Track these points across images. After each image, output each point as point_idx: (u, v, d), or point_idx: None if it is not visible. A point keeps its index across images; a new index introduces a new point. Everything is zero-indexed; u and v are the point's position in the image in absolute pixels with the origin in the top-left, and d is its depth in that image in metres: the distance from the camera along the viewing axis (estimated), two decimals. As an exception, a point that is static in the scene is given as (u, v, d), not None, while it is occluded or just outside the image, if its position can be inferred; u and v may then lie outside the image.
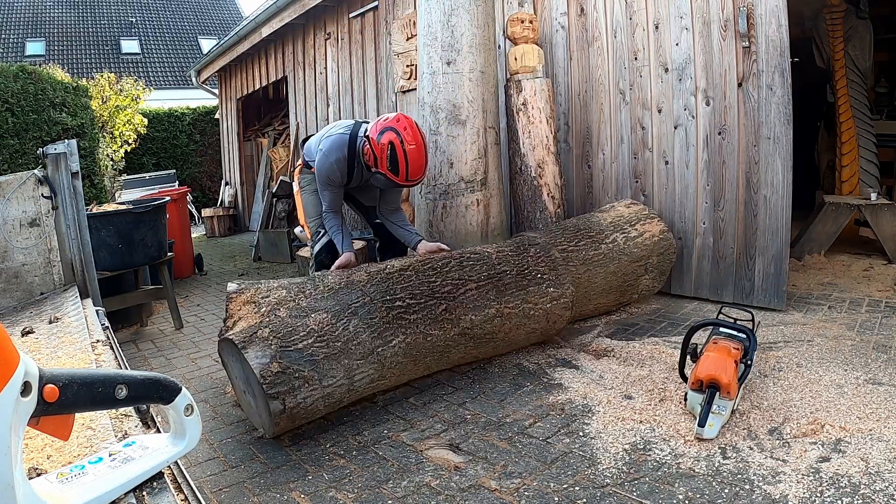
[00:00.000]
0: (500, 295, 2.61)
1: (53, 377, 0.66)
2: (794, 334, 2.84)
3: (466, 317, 2.49)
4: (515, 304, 2.64)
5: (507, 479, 1.79)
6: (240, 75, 9.45)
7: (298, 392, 2.00)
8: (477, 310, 2.53)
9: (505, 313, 2.60)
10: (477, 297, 2.55)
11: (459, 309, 2.49)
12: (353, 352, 2.18)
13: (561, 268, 2.84)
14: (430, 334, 2.39)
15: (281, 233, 6.56)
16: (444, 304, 2.46)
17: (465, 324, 2.48)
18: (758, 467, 1.73)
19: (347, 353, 2.16)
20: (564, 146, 4.18)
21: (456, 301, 2.49)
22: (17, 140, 6.00)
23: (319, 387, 2.05)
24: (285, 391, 1.97)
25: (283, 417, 2.00)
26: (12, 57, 17.66)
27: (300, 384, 2.01)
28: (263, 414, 2.04)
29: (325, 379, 2.07)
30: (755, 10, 3.13)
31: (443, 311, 2.44)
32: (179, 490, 0.86)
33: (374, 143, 2.69)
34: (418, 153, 2.65)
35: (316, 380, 2.05)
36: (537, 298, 2.71)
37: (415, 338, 2.35)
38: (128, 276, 4.00)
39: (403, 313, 2.36)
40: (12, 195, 2.29)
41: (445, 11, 3.31)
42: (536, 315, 2.71)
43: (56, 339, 1.59)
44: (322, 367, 2.07)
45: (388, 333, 2.28)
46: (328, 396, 2.09)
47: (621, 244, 3.22)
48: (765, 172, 3.22)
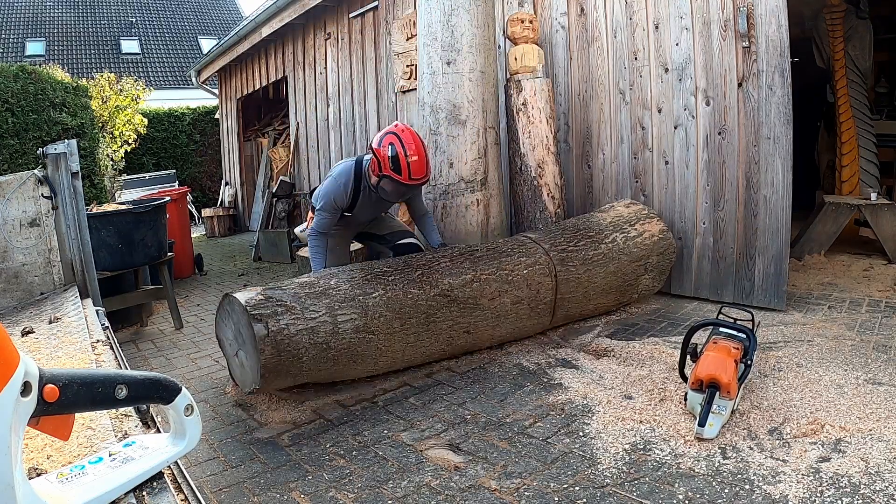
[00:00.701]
0: (474, 264, 2.79)
1: (53, 377, 0.66)
2: (794, 334, 2.84)
3: (444, 280, 2.66)
4: (491, 270, 2.78)
5: (507, 479, 1.79)
6: (240, 75, 9.45)
7: (281, 317, 2.17)
8: (454, 276, 2.70)
9: (482, 278, 2.74)
10: (451, 266, 2.75)
11: (436, 275, 2.67)
12: (335, 296, 2.38)
13: (529, 244, 3.01)
14: (411, 292, 2.56)
15: (281, 233, 6.56)
16: (420, 270, 2.67)
17: (443, 286, 2.64)
18: (758, 467, 1.73)
19: (328, 295, 2.38)
20: (564, 146, 4.17)
21: (431, 269, 2.69)
22: (17, 140, 6.00)
23: (302, 318, 2.20)
24: (268, 314, 2.16)
25: (268, 344, 2.08)
26: (12, 57, 17.66)
27: (283, 311, 2.21)
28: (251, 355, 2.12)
29: (308, 312, 2.23)
30: (755, 10, 3.13)
31: (419, 275, 2.64)
32: (179, 490, 0.86)
33: (376, 151, 2.76)
34: (418, 152, 2.70)
35: (298, 310, 2.23)
36: (512, 266, 2.85)
37: (395, 293, 2.52)
38: (128, 276, 4.00)
39: (381, 275, 2.58)
40: (12, 195, 2.29)
41: (445, 11, 3.31)
42: (516, 280, 2.80)
43: (56, 339, 1.59)
44: (304, 302, 2.30)
45: (367, 287, 2.49)
46: (312, 332, 2.18)
47: (621, 244, 3.22)
48: (765, 172, 3.22)
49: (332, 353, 2.31)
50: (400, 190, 2.81)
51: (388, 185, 2.79)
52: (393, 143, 2.68)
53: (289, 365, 2.20)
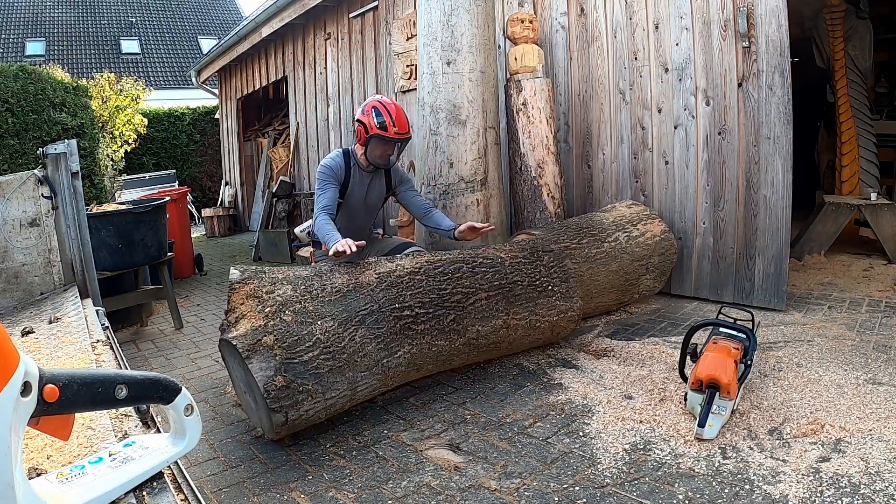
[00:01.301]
0: (509, 306, 2.57)
1: (53, 377, 0.66)
2: (794, 334, 2.84)
3: (474, 327, 2.46)
4: (523, 315, 2.61)
5: (507, 479, 1.79)
6: (240, 75, 9.45)
7: (301, 405, 1.97)
8: (485, 320, 2.49)
9: (511, 324, 2.57)
10: (486, 307, 2.50)
11: (467, 319, 2.44)
12: (358, 364, 2.14)
13: (572, 280, 2.80)
14: (436, 344, 2.36)
15: (281, 233, 6.56)
16: (453, 314, 2.41)
17: (471, 334, 2.45)
18: (758, 467, 1.73)
19: (352, 366, 2.12)
20: (564, 146, 4.18)
21: (465, 311, 2.45)
22: (17, 140, 6.00)
23: (322, 399, 2.03)
24: (289, 405, 1.95)
25: (285, 428, 2.00)
26: (12, 57, 17.66)
27: (304, 398, 1.99)
28: (264, 419, 2.03)
29: (329, 392, 2.04)
30: (755, 10, 3.13)
31: (451, 322, 2.39)
32: (179, 490, 0.86)
33: (361, 116, 2.97)
34: (397, 107, 2.96)
35: (319, 393, 2.02)
36: (546, 311, 2.68)
37: (420, 349, 2.32)
38: (128, 276, 4.00)
39: (411, 323, 2.30)
40: (12, 195, 2.29)
41: (445, 11, 3.31)
42: (542, 327, 2.70)
43: (56, 339, 1.59)
44: (326, 381, 2.04)
45: (394, 345, 2.24)
46: (329, 407, 2.08)
47: (623, 243, 3.22)
48: (765, 172, 3.22)
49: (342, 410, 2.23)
50: (387, 149, 2.97)
51: (377, 147, 2.94)
52: (376, 107, 2.94)
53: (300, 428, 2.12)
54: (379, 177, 3.09)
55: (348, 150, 3.07)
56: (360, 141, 2.97)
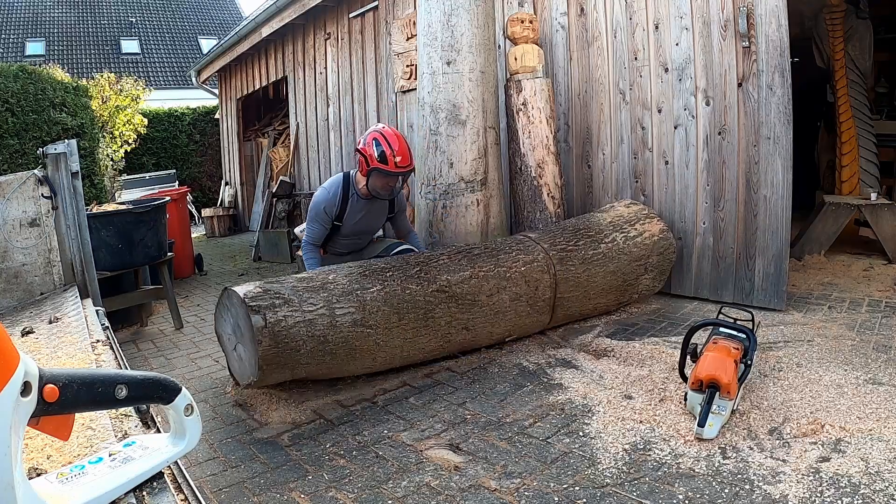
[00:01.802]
0: (472, 262, 2.80)
1: (53, 377, 0.66)
2: (794, 334, 2.84)
3: (442, 276, 2.67)
4: (489, 267, 2.79)
5: (507, 479, 1.79)
6: (240, 75, 9.45)
7: (279, 309, 2.18)
8: (452, 272, 2.71)
9: (480, 275, 2.75)
10: (449, 263, 2.76)
11: (433, 271, 2.68)
12: (332, 290, 2.40)
13: (527, 242, 3.01)
14: (408, 287, 2.56)
15: (281, 233, 6.56)
16: (418, 267, 2.69)
17: (441, 282, 2.65)
18: (758, 467, 1.73)
19: (326, 289, 2.39)
20: (564, 146, 4.17)
21: (429, 266, 2.71)
22: (17, 140, 6.00)
23: (300, 311, 2.22)
24: (266, 306, 2.18)
25: (266, 335, 2.10)
26: (12, 57, 17.65)
27: (281, 303, 2.22)
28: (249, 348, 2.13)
29: (305, 304, 2.23)
30: (755, 10, 3.13)
31: (417, 272, 2.65)
32: (179, 490, 0.86)
33: (362, 150, 2.96)
34: (399, 140, 2.96)
35: (296, 303, 2.24)
36: (510, 263, 2.86)
37: (392, 288, 2.53)
38: (128, 276, 4.00)
39: (379, 272, 2.59)
40: (12, 195, 2.29)
41: (445, 11, 3.31)
42: (514, 277, 2.80)
43: (56, 339, 1.59)
44: (302, 295, 2.31)
45: (365, 282, 2.50)
46: (310, 324, 2.19)
47: (621, 244, 3.22)
48: (765, 172, 3.22)
49: (329, 347, 2.32)
50: (389, 182, 2.98)
51: (378, 180, 2.96)
52: (377, 138, 2.93)
53: (286, 357, 2.21)
54: (380, 204, 3.11)
55: (348, 176, 3.08)
56: (362, 172, 2.98)
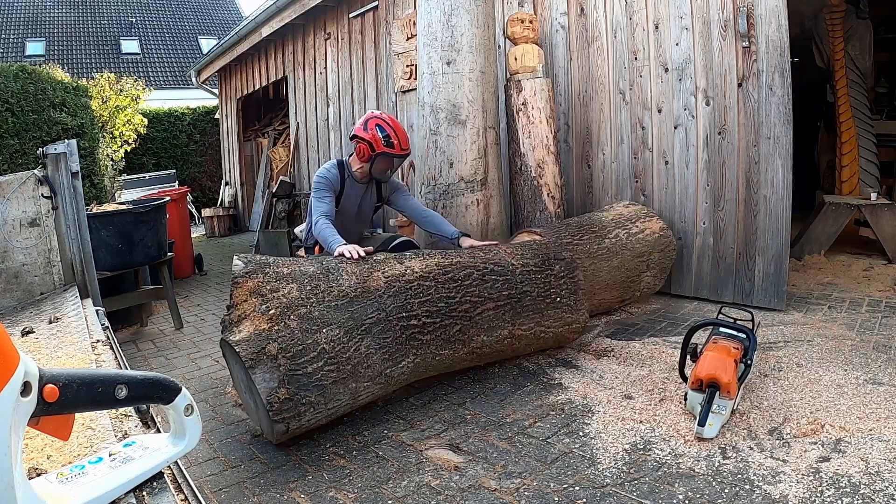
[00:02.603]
0: (515, 317, 2.54)
1: (53, 377, 0.66)
2: (794, 334, 2.84)
3: (479, 337, 2.44)
4: (529, 326, 2.58)
5: (507, 479, 1.79)
6: (240, 75, 9.45)
7: (303, 416, 1.97)
8: (490, 331, 2.46)
9: (516, 335, 2.56)
10: (493, 317, 2.47)
11: (473, 329, 2.42)
12: (362, 375, 2.11)
13: (581, 293, 2.77)
14: (440, 354, 2.35)
15: (281, 233, 6.56)
16: (460, 324, 2.38)
17: (475, 344, 2.44)
18: (758, 467, 1.73)
19: (355, 377, 2.09)
20: (564, 146, 4.17)
21: (471, 321, 2.41)
22: (17, 140, 6.00)
23: (324, 409, 2.02)
24: (291, 416, 1.94)
25: (285, 436, 2.00)
26: (12, 57, 17.65)
27: (306, 409, 1.97)
28: (265, 423, 2.03)
29: (330, 402, 2.04)
30: (755, 10, 3.13)
31: (457, 332, 2.37)
32: (179, 490, 0.86)
33: (363, 134, 2.97)
34: (397, 125, 3.01)
35: (322, 404, 2.01)
36: (552, 322, 2.65)
37: (424, 358, 2.31)
38: (128, 276, 4.00)
39: (417, 333, 2.27)
40: (12, 195, 2.29)
41: (445, 11, 3.31)
42: (546, 337, 2.68)
43: (56, 339, 1.59)
44: (329, 392, 2.02)
45: (398, 355, 2.22)
46: (330, 415, 2.09)
47: (624, 239, 3.23)
48: (765, 172, 3.22)
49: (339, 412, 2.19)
50: (390, 164, 3.03)
51: (382, 163, 2.99)
52: (380, 124, 2.97)
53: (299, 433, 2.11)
54: (371, 188, 3.14)
55: (343, 162, 3.10)
56: (364, 158, 2.98)
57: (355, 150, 3.02)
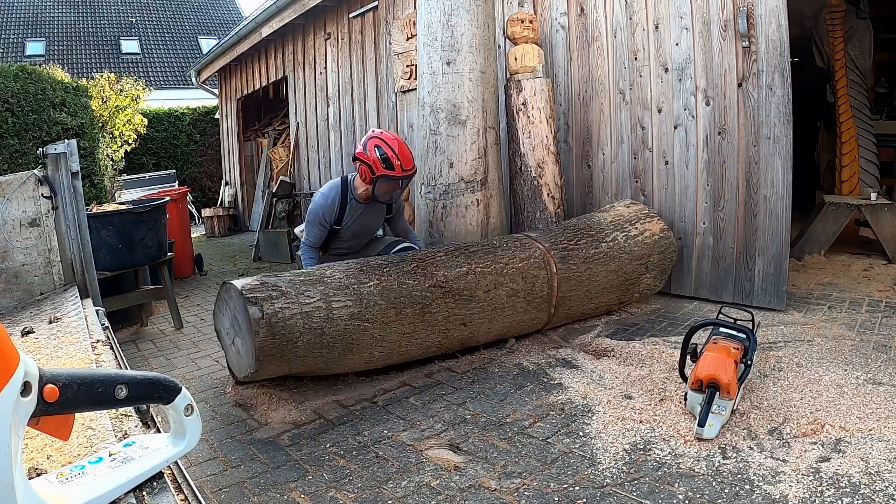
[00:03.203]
0: (468, 258, 2.81)
1: (53, 377, 0.66)
2: (794, 334, 2.84)
3: (439, 272, 2.69)
4: (485, 263, 2.80)
5: (507, 479, 1.79)
6: (240, 75, 9.45)
7: (276, 301, 2.21)
8: (448, 268, 2.72)
9: (477, 271, 2.76)
10: (446, 259, 2.77)
11: (430, 267, 2.70)
12: (330, 283, 2.42)
13: (524, 240, 3.00)
14: (405, 283, 2.58)
15: (281, 233, 6.56)
16: (415, 263, 2.71)
17: (438, 278, 2.67)
18: (758, 467, 1.73)
19: (323, 283, 2.41)
20: (564, 146, 4.17)
21: (426, 262, 2.72)
22: (17, 140, 6.00)
23: (297, 303, 2.25)
24: (263, 297, 2.21)
25: (263, 326, 2.12)
26: (12, 57, 17.65)
27: (278, 295, 2.25)
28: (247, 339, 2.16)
29: (302, 297, 2.26)
30: (755, 10, 3.13)
31: (414, 268, 2.67)
32: (179, 490, 0.86)
33: (364, 156, 2.95)
34: (401, 144, 2.95)
35: (293, 295, 2.26)
36: (507, 259, 2.85)
37: (389, 283, 2.55)
38: (128, 276, 4.00)
39: (376, 267, 2.61)
40: (12, 195, 2.29)
41: (445, 11, 3.31)
42: (510, 273, 2.81)
43: (56, 339, 1.59)
44: (299, 288, 2.33)
45: (362, 277, 2.52)
46: (307, 316, 2.21)
47: (622, 242, 3.22)
48: (765, 172, 3.22)
49: (327, 340, 2.32)
50: (394, 186, 3.00)
51: (384, 185, 2.96)
52: (378, 145, 2.92)
53: (283, 348, 2.22)
54: (378, 205, 3.12)
55: (346, 181, 3.07)
56: (366, 181, 2.96)
57: (358, 172, 3.00)
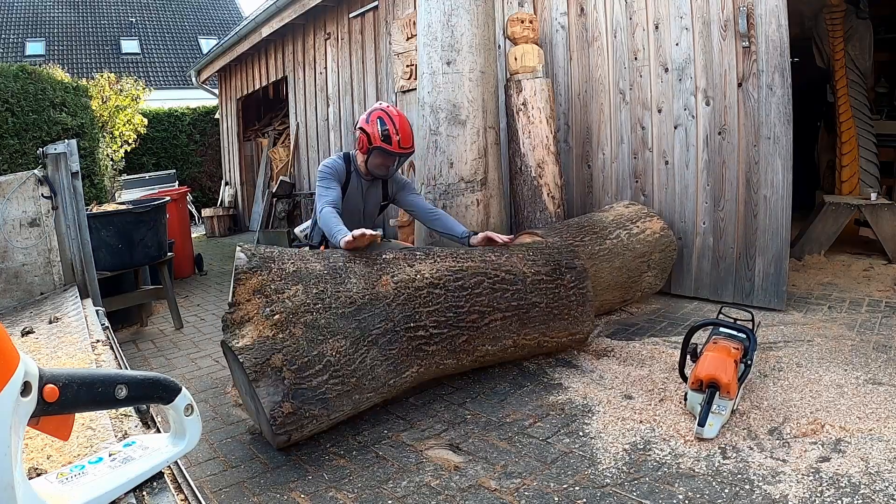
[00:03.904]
0: (522, 327, 2.53)
1: (53, 377, 0.66)
2: (794, 334, 2.84)
3: (483, 347, 2.43)
4: (534, 336, 2.58)
5: (507, 479, 1.79)
6: (240, 75, 9.45)
7: (305, 428, 1.95)
8: (495, 341, 2.46)
9: (520, 344, 2.56)
10: (500, 327, 2.46)
11: (479, 340, 2.41)
12: (366, 387, 2.09)
13: (589, 304, 2.74)
14: (444, 364, 2.34)
15: (281, 233, 6.56)
16: (466, 335, 2.36)
17: (479, 353, 2.44)
18: (758, 467, 1.73)
19: (359, 389, 2.07)
20: (564, 146, 4.17)
21: (478, 332, 2.40)
22: (17, 140, 6.00)
23: (326, 420, 2.01)
24: (293, 429, 1.94)
25: (286, 444, 2.00)
26: (12, 57, 17.65)
27: (308, 422, 1.96)
28: (265, 429, 2.01)
29: (333, 413, 2.02)
30: (755, 10, 3.13)
31: (463, 343, 2.36)
32: (179, 490, 0.86)
33: (364, 125, 2.87)
34: (403, 120, 2.86)
35: (324, 416, 2.00)
36: (556, 333, 2.65)
37: (428, 368, 2.30)
38: (128, 276, 4.00)
39: (424, 344, 2.24)
40: (12, 195, 2.29)
41: (445, 11, 3.31)
42: (548, 346, 2.67)
43: (56, 339, 1.59)
44: (332, 405, 2.00)
45: (402, 367, 2.20)
46: (332, 423, 2.08)
47: (625, 240, 3.23)
48: (765, 172, 3.22)
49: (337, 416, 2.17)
50: (388, 162, 2.89)
51: (378, 158, 2.87)
52: (381, 117, 2.85)
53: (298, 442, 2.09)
54: (376, 186, 3.06)
55: (349, 155, 3.00)
56: (362, 150, 2.88)
57: (357, 141, 2.94)
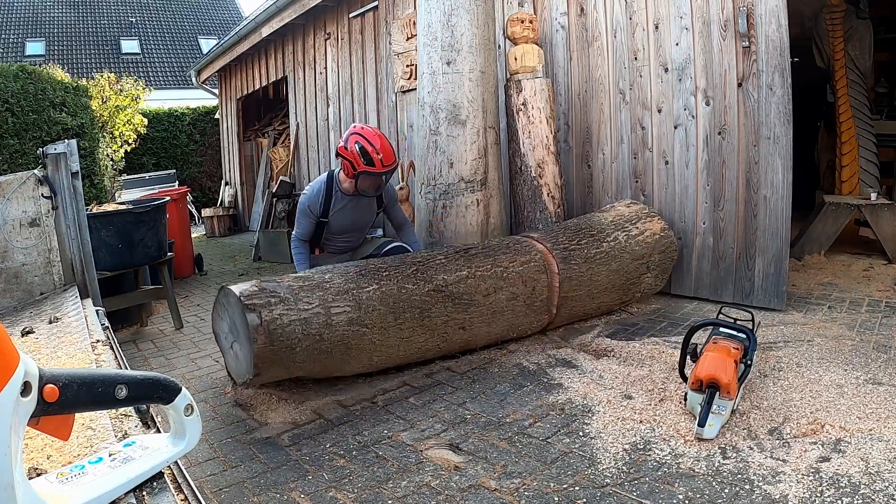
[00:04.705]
0: (469, 261, 2.80)
1: (53, 377, 0.66)
2: (794, 334, 2.84)
3: (439, 276, 2.67)
4: (486, 266, 2.79)
5: (507, 479, 1.79)
6: (240, 75, 9.45)
7: (274, 308, 2.19)
8: (448, 272, 2.71)
9: (477, 274, 2.75)
10: (446, 263, 2.75)
11: (430, 271, 2.68)
12: (329, 289, 2.40)
13: (524, 242, 2.99)
14: (405, 287, 2.57)
15: (281, 233, 6.56)
16: (415, 266, 2.69)
17: (438, 282, 2.65)
18: (758, 467, 1.73)
19: (322, 288, 2.40)
20: (564, 146, 4.17)
21: (426, 265, 2.71)
22: (17, 140, 6.00)
23: (295, 309, 2.24)
24: (261, 304, 2.19)
25: (261, 333, 2.12)
26: (12, 57, 17.65)
27: (276, 301, 2.23)
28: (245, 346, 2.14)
29: (301, 303, 2.24)
30: (755, 10, 3.13)
31: (413, 271, 2.66)
32: (179, 490, 0.86)
33: (345, 152, 2.98)
34: (380, 139, 2.98)
35: (291, 301, 2.27)
36: (507, 263, 2.85)
37: (389, 287, 2.53)
38: (128, 276, 4.00)
39: (375, 271, 2.59)
40: (12, 195, 2.29)
41: (445, 11, 3.31)
42: (511, 276, 2.80)
43: (56, 339, 1.59)
44: (298, 294, 2.32)
45: (362, 281, 2.50)
46: (305, 323, 2.20)
47: (623, 242, 3.22)
48: (765, 172, 3.22)
49: (325, 345, 2.32)
50: (377, 181, 3.02)
51: (366, 180, 3.00)
52: (358, 140, 2.94)
53: (282, 355, 2.22)
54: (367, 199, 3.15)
55: (332, 174, 3.14)
56: (349, 175, 3.02)
57: (341, 167, 3.05)
